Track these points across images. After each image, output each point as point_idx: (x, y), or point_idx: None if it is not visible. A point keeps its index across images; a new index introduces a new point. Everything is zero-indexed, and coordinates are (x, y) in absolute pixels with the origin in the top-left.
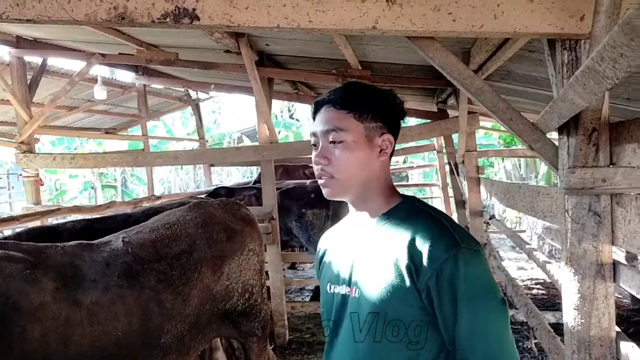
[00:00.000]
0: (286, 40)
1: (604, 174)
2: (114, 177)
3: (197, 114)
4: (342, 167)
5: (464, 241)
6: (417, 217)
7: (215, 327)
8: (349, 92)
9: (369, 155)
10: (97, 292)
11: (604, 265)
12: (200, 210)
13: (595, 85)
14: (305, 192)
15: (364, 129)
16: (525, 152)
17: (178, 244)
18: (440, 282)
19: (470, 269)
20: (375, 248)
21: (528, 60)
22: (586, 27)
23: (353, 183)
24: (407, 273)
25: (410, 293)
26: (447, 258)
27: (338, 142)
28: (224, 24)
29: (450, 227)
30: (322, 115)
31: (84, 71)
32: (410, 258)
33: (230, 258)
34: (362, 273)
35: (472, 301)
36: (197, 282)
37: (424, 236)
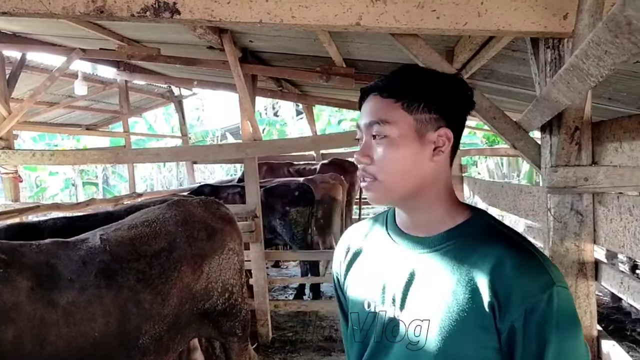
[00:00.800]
0: (270, 37)
1: (586, 173)
2: (95, 174)
3: (180, 110)
4: (386, 167)
5: (557, 277)
6: (498, 241)
7: (194, 327)
8: (400, 77)
9: (419, 154)
10: (73, 291)
11: (585, 264)
12: (180, 208)
13: (579, 83)
14: (289, 190)
15: (414, 121)
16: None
17: (157, 242)
18: (528, 324)
19: (563, 312)
20: (442, 271)
21: (511, 60)
22: (569, 26)
23: (401, 188)
24: (489, 309)
25: (487, 332)
26: (541, 299)
27: (381, 137)
28: (205, 19)
29: (541, 259)
30: (366, 105)
31: (64, 66)
32: (493, 293)
33: (210, 257)
34: (421, 298)
35: (560, 349)
36: (176, 282)
37: (513, 268)
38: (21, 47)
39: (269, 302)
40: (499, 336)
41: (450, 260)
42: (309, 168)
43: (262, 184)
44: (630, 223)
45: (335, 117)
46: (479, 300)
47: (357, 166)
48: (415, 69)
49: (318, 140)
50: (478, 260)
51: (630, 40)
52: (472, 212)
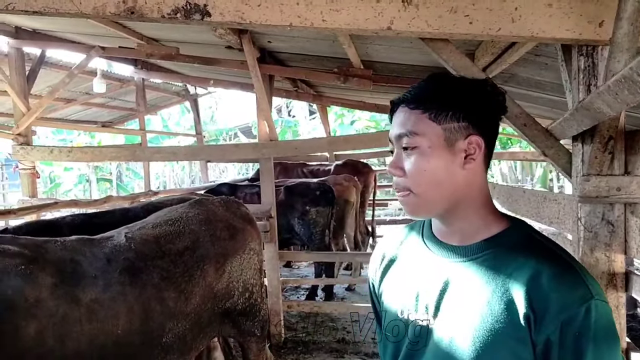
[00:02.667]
0: (289, 37)
1: (619, 183)
2: (109, 170)
3: (195, 109)
4: (419, 179)
5: (596, 290)
6: (536, 252)
7: (215, 326)
8: (427, 87)
9: (450, 164)
10: (97, 289)
11: (616, 275)
12: (202, 208)
13: (630, 95)
14: (310, 190)
15: (443, 131)
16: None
17: (182, 241)
18: (565, 338)
19: (600, 326)
20: (475, 279)
21: (533, 64)
22: (605, 34)
23: (436, 199)
24: (525, 321)
25: (522, 344)
26: (578, 312)
27: (411, 149)
28: (235, 21)
29: (580, 272)
30: (396, 118)
31: (84, 64)
32: (529, 304)
33: (232, 256)
34: (455, 306)
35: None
36: (199, 280)
37: (550, 279)
38: (41, 44)
39: (281, 303)
40: (534, 348)
41: (485, 270)
42: (322, 169)
43: (276, 183)
44: None
45: (347, 117)
46: (515, 312)
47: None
48: (442, 77)
49: (334, 141)
50: (514, 271)
51: None
52: (510, 222)
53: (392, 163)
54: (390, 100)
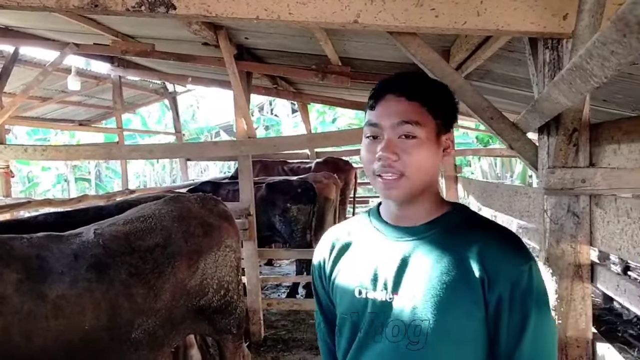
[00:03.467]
0: (266, 34)
1: (584, 175)
2: (87, 170)
3: (174, 107)
4: (415, 165)
5: (532, 255)
6: (481, 226)
7: (189, 323)
8: (420, 84)
9: (436, 155)
10: (63, 285)
11: (582, 266)
12: (177, 204)
13: (582, 84)
14: (291, 187)
15: (436, 125)
16: (503, 152)
17: (152, 237)
18: (514, 295)
19: (539, 285)
20: (430, 254)
21: (507, 60)
22: (569, 27)
23: (420, 184)
24: (480, 283)
25: (476, 304)
26: (523, 272)
27: (410, 137)
28: (201, 14)
29: (520, 239)
30: (390, 106)
31: (58, 61)
32: (483, 268)
33: (206, 253)
34: (414, 279)
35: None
36: (170, 277)
37: (499, 247)
38: (14, 41)
39: (261, 301)
40: (486, 308)
41: (438, 245)
42: (303, 166)
43: (256, 181)
44: (627, 225)
45: (329, 114)
46: (470, 277)
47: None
48: (423, 75)
49: (314, 139)
50: (467, 243)
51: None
52: (452, 206)
53: (388, 148)
54: (376, 86)
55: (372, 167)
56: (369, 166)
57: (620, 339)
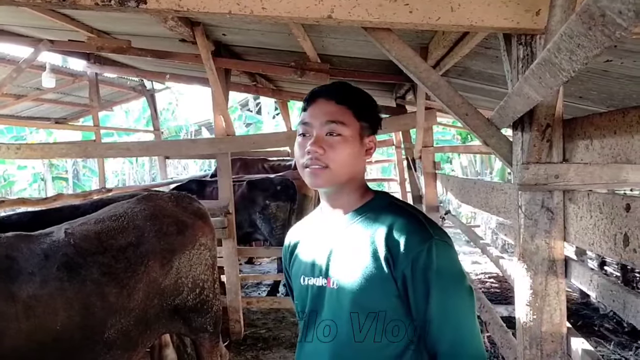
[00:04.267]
0: (244, 30)
1: (557, 170)
2: (65, 168)
3: (152, 104)
4: (338, 158)
5: (436, 234)
6: (392, 211)
7: (164, 323)
8: (348, 91)
9: (359, 152)
10: (34, 285)
11: (555, 262)
12: (149, 203)
13: (551, 79)
14: (272, 184)
15: (359, 126)
16: (481, 149)
17: (124, 236)
18: (415, 271)
19: (441, 260)
20: (352, 240)
21: (484, 57)
22: (542, 22)
23: (342, 175)
24: (385, 263)
25: (387, 281)
26: (422, 249)
27: (336, 135)
28: (172, 9)
29: (424, 221)
30: (320, 107)
31: (32, 58)
32: (387, 249)
33: (180, 252)
34: (339, 264)
35: (442, 290)
36: (143, 276)
37: (401, 229)
38: None
39: (241, 299)
40: (396, 284)
41: (359, 230)
42: (283, 164)
43: (235, 179)
44: (600, 221)
45: None
46: (378, 257)
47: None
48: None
49: (292, 136)
50: (377, 228)
51: (604, 32)
52: (374, 194)
53: (316, 142)
54: (310, 92)
55: (302, 160)
56: (300, 160)
57: (597, 332)
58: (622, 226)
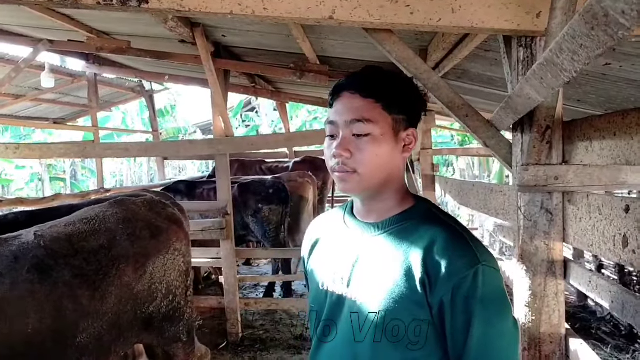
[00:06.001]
0: (243, 31)
1: (557, 172)
2: (63, 169)
3: (151, 105)
4: (367, 162)
5: (484, 258)
6: (433, 225)
7: (137, 331)
8: (376, 79)
9: (394, 151)
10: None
11: (555, 263)
12: (122, 207)
13: (553, 79)
14: (264, 187)
15: (392, 121)
16: (479, 151)
17: (96, 239)
18: (456, 300)
19: (488, 288)
20: (382, 251)
21: (484, 60)
22: (542, 25)
23: (375, 180)
24: (420, 285)
25: (419, 306)
26: (467, 275)
27: (364, 135)
28: (174, 9)
29: (470, 241)
30: (344, 103)
31: (31, 58)
32: (424, 270)
33: (154, 257)
34: (365, 276)
35: (486, 322)
36: (115, 280)
37: (443, 248)
38: None
39: (239, 301)
40: (430, 310)
41: (391, 242)
42: (281, 166)
43: (233, 180)
44: (599, 222)
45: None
46: (412, 277)
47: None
48: (384, 71)
49: (291, 138)
50: (414, 242)
51: (607, 32)
52: (415, 200)
53: (342, 146)
54: (334, 85)
55: (330, 164)
56: (329, 163)
57: (595, 335)
58: (621, 227)
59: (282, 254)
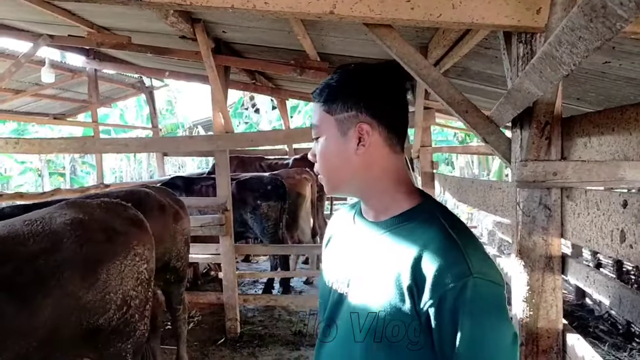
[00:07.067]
0: (244, 27)
1: (555, 168)
2: (62, 164)
3: (151, 101)
4: (322, 165)
5: (477, 269)
6: (429, 228)
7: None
8: (327, 82)
9: (345, 150)
10: None
11: (552, 258)
12: (74, 208)
13: (552, 73)
14: (262, 184)
15: (335, 121)
16: (479, 149)
17: (36, 242)
18: (442, 312)
19: (479, 302)
20: (382, 252)
21: (484, 57)
22: (542, 21)
23: (338, 181)
24: (408, 294)
25: (409, 315)
26: (454, 287)
27: (316, 139)
28: (175, 2)
29: (463, 250)
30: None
31: (31, 52)
32: (413, 278)
33: (109, 262)
34: (361, 279)
35: (474, 339)
36: (55, 289)
37: (433, 256)
38: None
39: (238, 297)
40: (419, 319)
41: (390, 243)
42: (280, 163)
43: (232, 177)
44: (597, 217)
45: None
46: (401, 285)
47: None
48: (343, 69)
49: (291, 134)
50: (407, 247)
51: (605, 24)
52: (419, 200)
53: (311, 152)
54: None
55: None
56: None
57: (592, 334)
58: (619, 222)
59: (281, 250)
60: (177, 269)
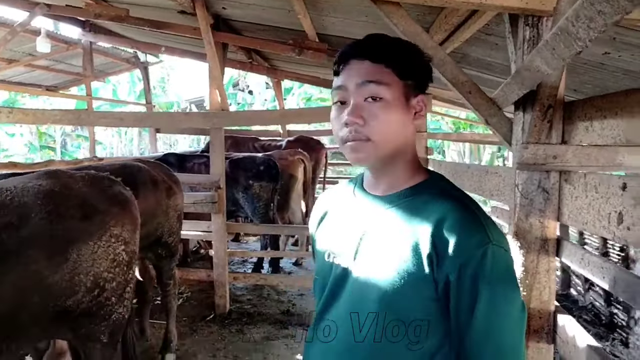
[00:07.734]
0: (244, 4)
1: (555, 151)
2: (53, 138)
3: (146, 77)
4: (381, 128)
5: (495, 237)
6: (445, 200)
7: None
8: (385, 44)
9: (406, 118)
10: None
11: (548, 241)
12: (52, 179)
13: (565, 49)
14: (254, 164)
15: (404, 86)
16: (474, 137)
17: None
18: (462, 278)
19: (496, 269)
20: (391, 225)
21: (484, 44)
22: (550, 4)
23: (388, 148)
24: (427, 261)
25: (425, 282)
26: (475, 253)
27: (378, 100)
28: None
29: (482, 219)
30: (354, 68)
31: (27, 21)
32: (433, 246)
33: (81, 242)
34: (371, 251)
35: (491, 304)
36: (17, 266)
37: (453, 225)
38: None
39: (227, 274)
40: (436, 287)
41: (400, 216)
42: (274, 144)
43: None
44: (595, 200)
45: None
46: (420, 253)
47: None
48: (390, 37)
49: (286, 114)
50: (424, 218)
51: None
52: (428, 174)
53: (354, 112)
54: (340, 51)
55: (340, 133)
56: (338, 133)
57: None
58: (617, 205)
59: (272, 230)
60: (169, 244)
